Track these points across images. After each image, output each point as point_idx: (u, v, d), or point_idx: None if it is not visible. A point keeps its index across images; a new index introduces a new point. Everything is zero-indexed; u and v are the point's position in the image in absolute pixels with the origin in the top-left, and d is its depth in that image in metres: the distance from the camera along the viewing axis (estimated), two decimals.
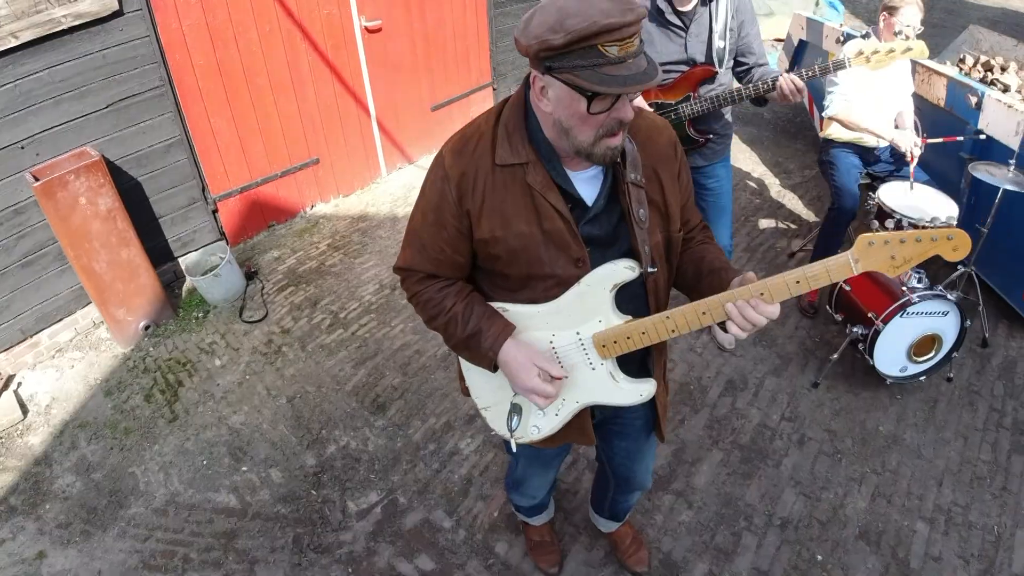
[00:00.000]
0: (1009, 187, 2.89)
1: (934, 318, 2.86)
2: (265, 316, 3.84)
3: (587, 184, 1.40)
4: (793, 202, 4.70)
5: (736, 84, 2.82)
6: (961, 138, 3.32)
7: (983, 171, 3.00)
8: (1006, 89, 4.01)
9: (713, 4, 2.60)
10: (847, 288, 3.08)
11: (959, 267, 3.30)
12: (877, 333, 2.86)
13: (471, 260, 1.49)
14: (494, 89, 5.78)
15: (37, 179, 3.21)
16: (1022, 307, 3.42)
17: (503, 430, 1.61)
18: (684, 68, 2.72)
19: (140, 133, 3.69)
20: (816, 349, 3.41)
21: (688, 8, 2.60)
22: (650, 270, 1.42)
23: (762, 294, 1.30)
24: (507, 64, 5.76)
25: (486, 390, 1.62)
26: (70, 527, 2.78)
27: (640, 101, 2.78)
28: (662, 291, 1.55)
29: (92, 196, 3.33)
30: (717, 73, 2.68)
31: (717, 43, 2.64)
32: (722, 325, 1.36)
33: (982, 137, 3.22)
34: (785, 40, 5.45)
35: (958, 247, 1.22)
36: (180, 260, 4.13)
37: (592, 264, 1.40)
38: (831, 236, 3.48)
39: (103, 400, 3.39)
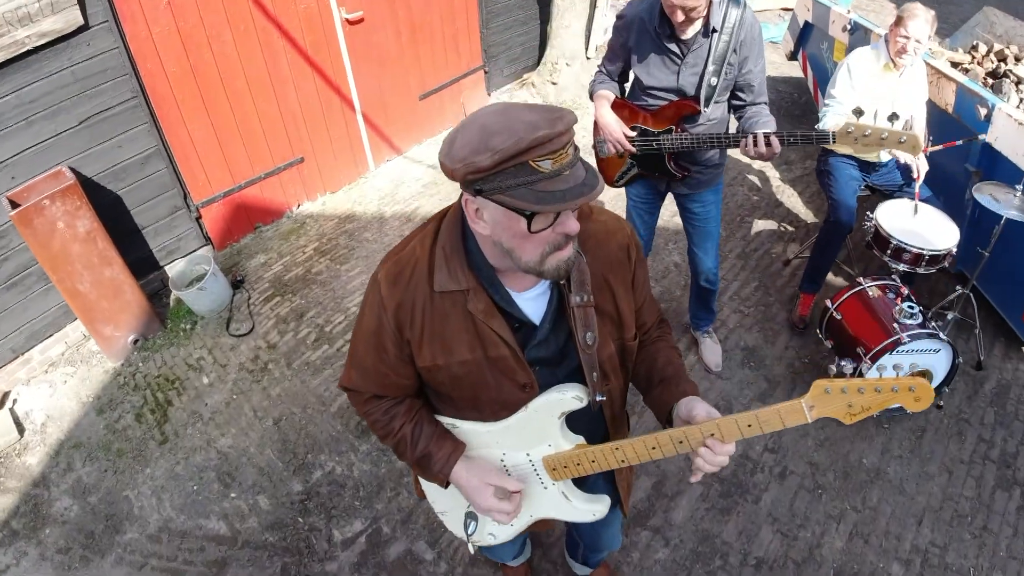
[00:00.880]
0: (1013, 215, 2.82)
1: (925, 355, 2.85)
2: (252, 330, 3.93)
3: (533, 303, 1.37)
4: (792, 199, 4.66)
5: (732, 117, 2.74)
6: (960, 142, 3.23)
7: (987, 195, 2.93)
8: (1020, 82, 3.89)
9: (715, 36, 2.48)
10: (837, 316, 3.08)
11: (957, 288, 3.27)
12: (864, 371, 2.86)
13: (417, 379, 1.49)
14: (486, 72, 5.69)
15: (14, 205, 3.27)
16: (1022, 329, 3.39)
17: (460, 534, 1.69)
18: (673, 97, 2.64)
19: (116, 147, 3.71)
20: (805, 371, 3.44)
21: (688, 37, 2.50)
22: (599, 398, 1.41)
23: (713, 435, 1.30)
24: (499, 45, 5.65)
25: (442, 496, 1.69)
26: (70, 552, 2.95)
27: (624, 128, 2.74)
28: (617, 402, 1.56)
29: (70, 220, 3.38)
30: (700, 112, 2.60)
31: (709, 79, 2.53)
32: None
33: (981, 138, 3.11)
34: (791, 18, 5.27)
35: (920, 398, 1.21)
36: (166, 269, 4.20)
37: (540, 382, 1.40)
38: (825, 251, 3.45)
39: (96, 419, 3.52)
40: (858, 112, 2.25)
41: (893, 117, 2.50)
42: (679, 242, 4.24)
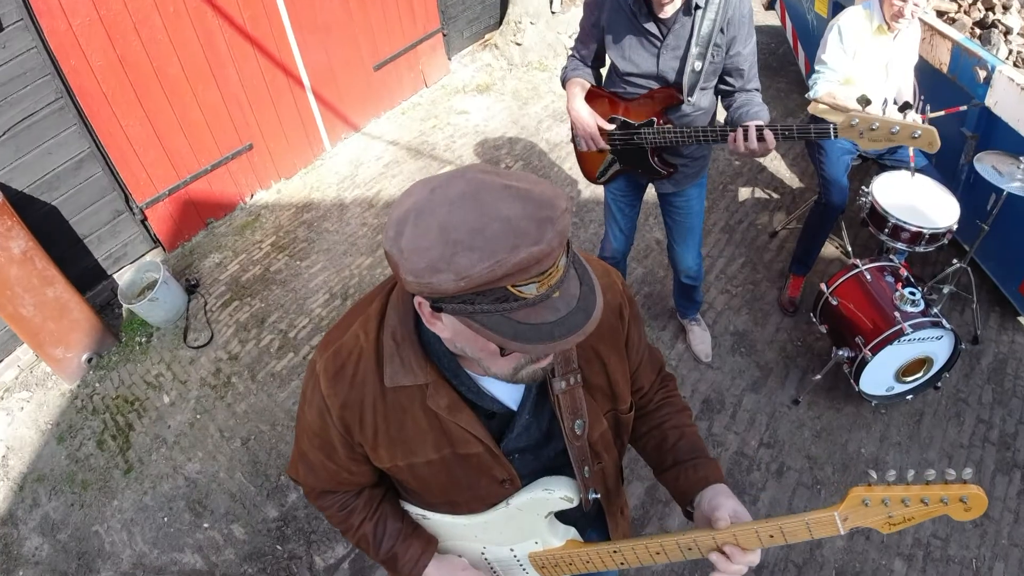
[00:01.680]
0: (1015, 188, 2.74)
1: (927, 343, 2.81)
2: (211, 339, 3.84)
3: (506, 386, 1.17)
4: (776, 163, 4.57)
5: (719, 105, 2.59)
6: (964, 107, 3.14)
7: (989, 166, 2.84)
8: (1008, 32, 3.79)
9: (698, 14, 2.28)
10: (833, 302, 3.00)
11: (954, 261, 3.22)
12: (865, 361, 2.80)
13: (375, 473, 1.33)
14: (444, 35, 5.46)
15: None
16: (1019, 300, 3.37)
17: None
18: (653, 85, 2.47)
19: (46, 154, 3.54)
20: (798, 356, 3.42)
21: (667, 15, 2.31)
22: (592, 496, 1.29)
23: (728, 544, 1.19)
24: (457, 5, 5.41)
25: None
26: None
27: (601, 121, 2.58)
28: (611, 478, 1.43)
29: (3, 242, 3.24)
30: (683, 101, 2.43)
31: (693, 63, 2.35)
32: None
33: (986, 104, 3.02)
34: None
35: (971, 508, 1.08)
36: (115, 277, 4.07)
37: (522, 471, 1.26)
38: (816, 232, 3.38)
39: (56, 448, 3.45)
40: (864, 101, 2.07)
41: (905, 107, 2.35)
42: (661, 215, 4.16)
